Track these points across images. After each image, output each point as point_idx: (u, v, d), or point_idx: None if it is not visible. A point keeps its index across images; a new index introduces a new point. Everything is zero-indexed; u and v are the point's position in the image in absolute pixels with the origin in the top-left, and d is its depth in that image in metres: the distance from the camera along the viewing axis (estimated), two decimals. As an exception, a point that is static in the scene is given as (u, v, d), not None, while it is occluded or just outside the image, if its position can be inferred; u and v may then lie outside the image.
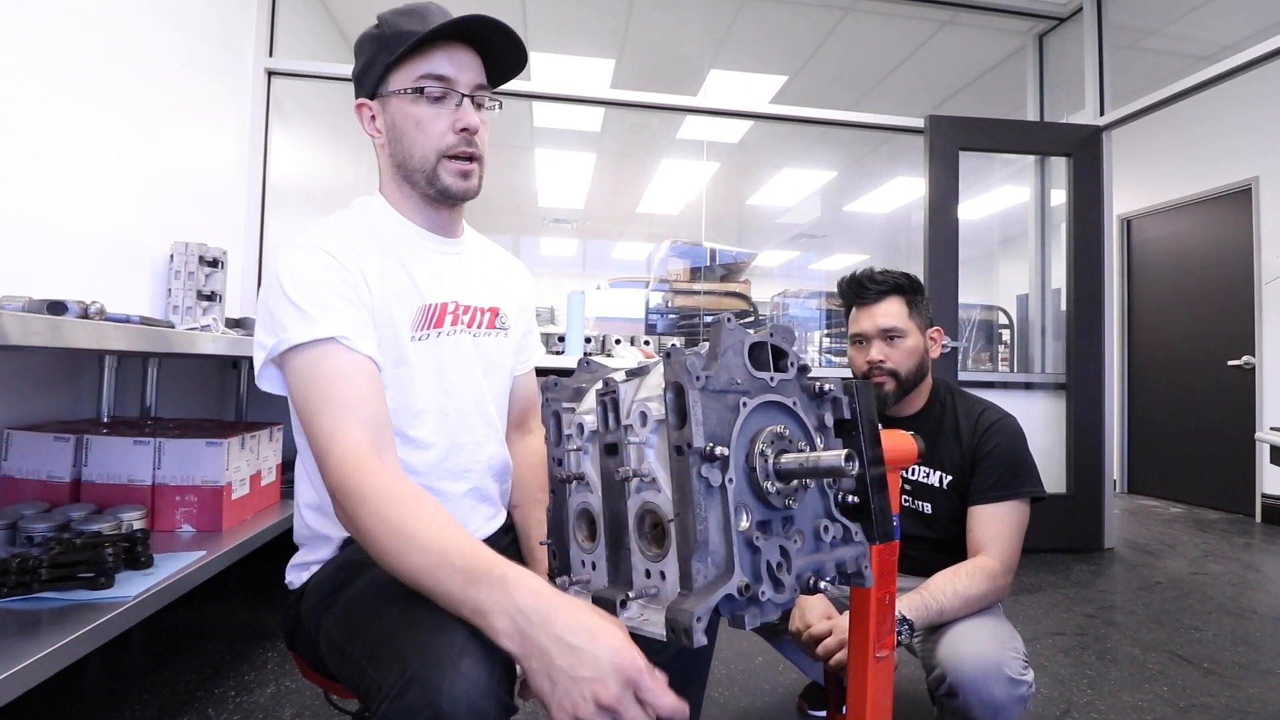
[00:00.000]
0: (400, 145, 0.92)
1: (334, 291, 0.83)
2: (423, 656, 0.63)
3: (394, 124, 0.91)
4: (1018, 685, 1.09)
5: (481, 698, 0.61)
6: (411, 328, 0.91)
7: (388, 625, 0.70)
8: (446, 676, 0.61)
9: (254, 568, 1.86)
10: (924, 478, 1.38)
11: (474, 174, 0.93)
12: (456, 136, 0.90)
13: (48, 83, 1.74)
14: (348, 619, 0.78)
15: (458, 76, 0.89)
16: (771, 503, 0.64)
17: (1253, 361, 4.14)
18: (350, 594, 0.81)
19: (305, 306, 0.80)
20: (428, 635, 0.65)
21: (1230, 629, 2.29)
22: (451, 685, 0.61)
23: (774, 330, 0.72)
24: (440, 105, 0.89)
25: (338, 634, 0.78)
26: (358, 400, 0.78)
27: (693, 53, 4.24)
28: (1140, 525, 3.93)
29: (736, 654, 1.97)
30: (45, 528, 1.33)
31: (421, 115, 0.89)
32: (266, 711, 1.58)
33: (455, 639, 0.64)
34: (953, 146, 3.28)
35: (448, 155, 0.90)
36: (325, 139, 3.65)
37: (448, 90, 0.89)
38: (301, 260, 0.84)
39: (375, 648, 0.70)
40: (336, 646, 0.78)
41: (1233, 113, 4.25)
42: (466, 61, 0.90)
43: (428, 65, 0.88)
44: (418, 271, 0.94)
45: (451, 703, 0.60)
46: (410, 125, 0.90)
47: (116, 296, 1.98)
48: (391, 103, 0.90)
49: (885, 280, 1.39)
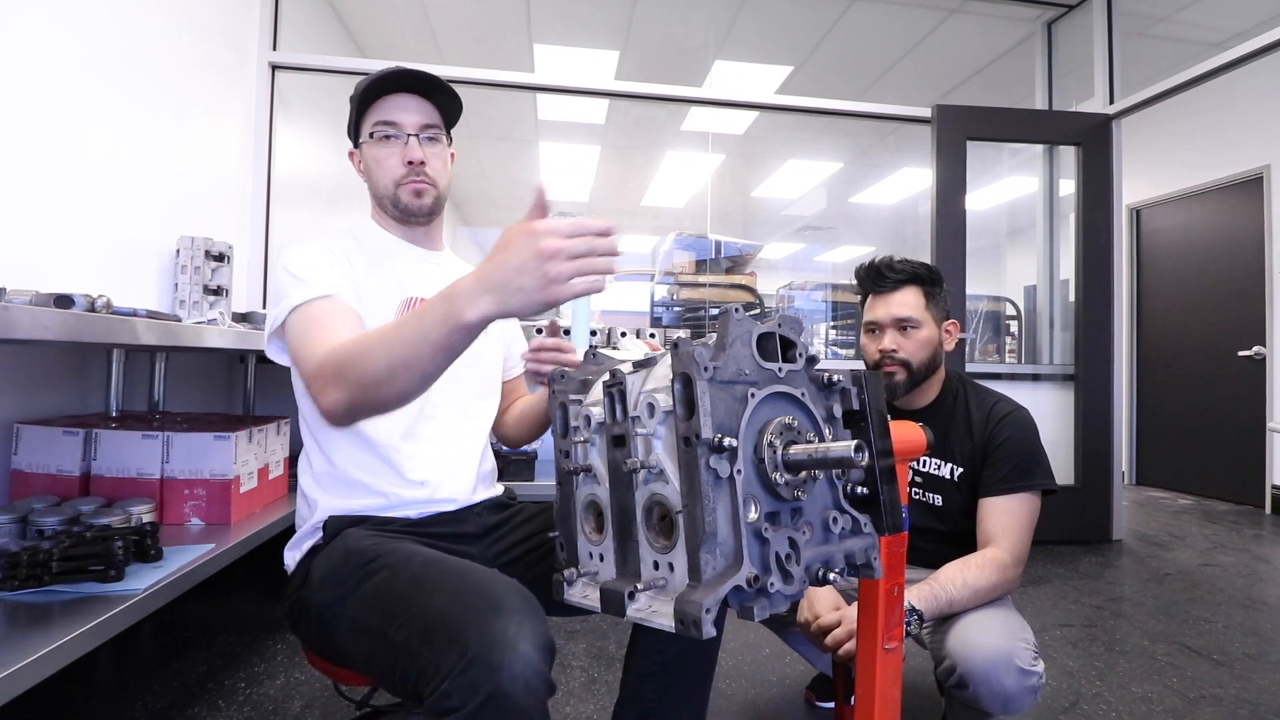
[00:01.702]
0: (372, 179, 1.12)
1: (330, 267, 0.99)
2: (482, 637, 0.70)
3: (366, 164, 1.12)
4: (1028, 676, 1.08)
5: (535, 677, 0.69)
6: (395, 315, 1.04)
7: (438, 608, 0.76)
8: (506, 655, 0.68)
9: (263, 560, 1.87)
10: (935, 470, 1.37)
11: (427, 193, 1.11)
12: (405, 168, 1.08)
13: (52, 80, 1.74)
14: (384, 605, 0.82)
15: (403, 120, 1.08)
16: (780, 494, 0.64)
17: (1263, 352, 4.10)
18: (377, 582, 0.85)
19: (304, 276, 0.95)
20: (484, 617, 0.72)
21: (1240, 620, 2.27)
22: (511, 664, 0.68)
23: (782, 321, 0.71)
24: (391, 144, 1.09)
25: (372, 619, 0.82)
26: (345, 328, 0.90)
27: (697, 44, 4.21)
28: (1149, 517, 3.91)
29: (744, 646, 1.98)
30: (55, 521, 1.34)
31: (379, 155, 1.09)
32: (276, 703, 1.59)
33: (511, 622, 0.71)
34: (960, 136, 3.25)
35: (401, 183, 1.09)
36: (330, 132, 3.65)
37: (394, 132, 1.08)
38: (304, 250, 1.01)
39: (428, 629, 0.75)
40: (371, 631, 0.82)
41: (1244, 101, 4.20)
42: (411, 106, 1.09)
43: (379, 114, 1.09)
44: (402, 270, 1.10)
45: (511, 681, 0.67)
46: (374, 164, 1.10)
47: (123, 291, 1.99)
48: (365, 148, 1.11)
49: (904, 270, 1.37)
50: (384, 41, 4.22)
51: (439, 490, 1.05)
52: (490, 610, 0.73)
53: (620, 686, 1.06)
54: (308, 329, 0.90)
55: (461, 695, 0.68)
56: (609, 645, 1.97)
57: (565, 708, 1.61)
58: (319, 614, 0.91)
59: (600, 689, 1.70)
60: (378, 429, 1.02)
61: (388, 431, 1.03)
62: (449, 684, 0.68)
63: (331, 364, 0.80)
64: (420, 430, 1.06)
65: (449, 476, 1.07)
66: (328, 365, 0.81)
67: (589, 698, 1.65)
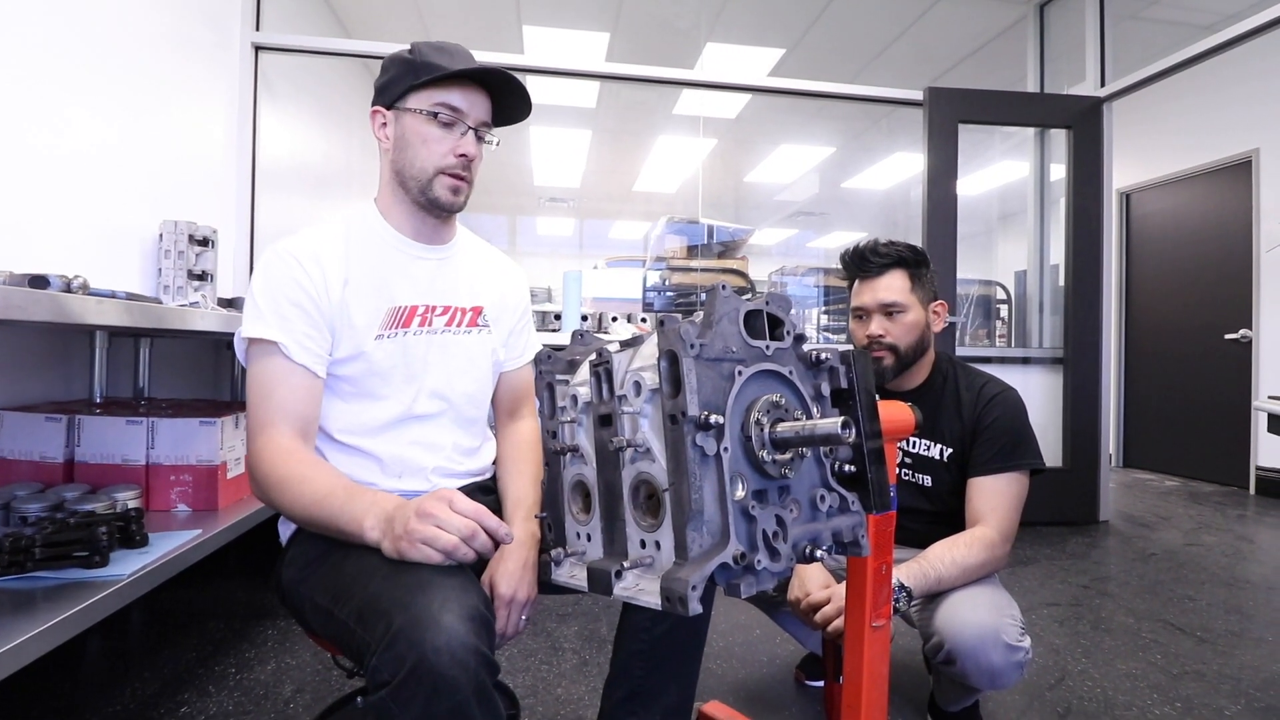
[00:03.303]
0: (404, 155, 1.03)
1: (289, 299, 0.96)
2: (405, 612, 0.72)
3: (403, 135, 1.03)
4: (1015, 651, 1.10)
5: (460, 648, 0.69)
6: (380, 326, 1.02)
7: (374, 589, 0.78)
8: (429, 630, 0.69)
9: (252, 546, 1.86)
10: (924, 450, 1.38)
11: (463, 192, 1.06)
12: (455, 159, 1.02)
13: (29, 60, 1.70)
14: (334, 585, 0.86)
15: (468, 111, 1.02)
16: (768, 472, 0.63)
17: (1250, 335, 4.13)
18: (332, 562, 0.89)
19: (262, 306, 0.96)
20: (410, 594, 0.74)
21: (1223, 598, 2.31)
22: (434, 637, 0.69)
23: (770, 298, 0.71)
24: (448, 130, 1.02)
25: (324, 599, 0.87)
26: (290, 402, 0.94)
27: (689, 25, 4.17)
28: (1135, 498, 3.96)
29: (734, 626, 1.99)
30: (39, 508, 1.32)
31: (430, 134, 1.01)
32: (267, 688, 1.59)
33: (435, 597, 0.73)
34: (952, 119, 3.24)
35: (444, 172, 1.02)
36: (315, 114, 3.60)
37: (457, 119, 1.02)
38: (273, 264, 0.98)
39: (362, 609, 0.78)
40: (323, 610, 0.87)
41: (1234, 84, 4.20)
42: (478, 100, 1.04)
43: (445, 96, 1.01)
44: (391, 278, 1.06)
45: (435, 653, 0.68)
46: (417, 140, 1.02)
47: (106, 276, 1.95)
48: (405, 117, 1.02)
49: (888, 254, 1.36)
50: (369, 22, 4.15)
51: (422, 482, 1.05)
52: (417, 587, 0.75)
53: (610, 665, 1.07)
54: (254, 393, 0.95)
55: (389, 669, 0.69)
56: (601, 627, 1.98)
57: (557, 689, 1.61)
58: (289, 589, 0.97)
59: (592, 670, 1.70)
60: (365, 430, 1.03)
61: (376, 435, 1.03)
62: (377, 659, 0.71)
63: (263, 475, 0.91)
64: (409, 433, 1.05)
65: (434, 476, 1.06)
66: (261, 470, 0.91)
67: (581, 679, 1.66)
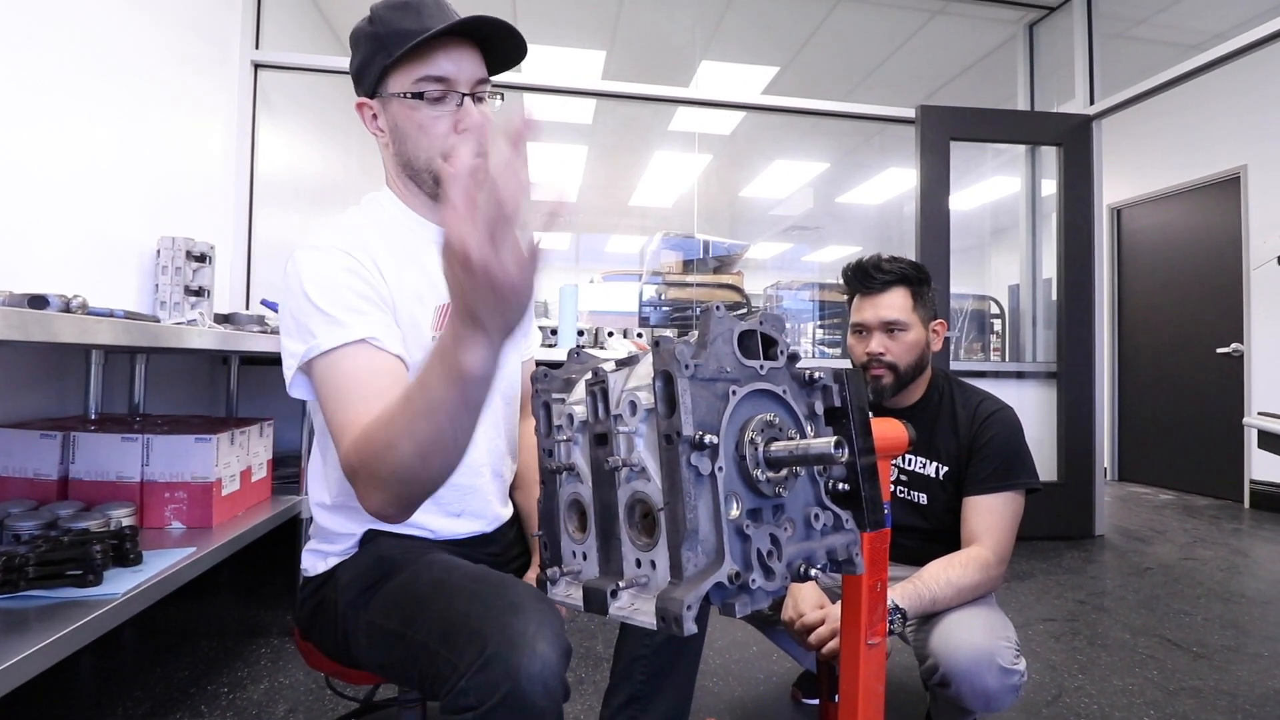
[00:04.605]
0: (404, 147, 0.91)
1: (356, 293, 0.82)
2: (502, 636, 0.68)
3: (396, 125, 0.90)
4: (1010, 675, 1.09)
5: (553, 678, 0.68)
6: (431, 326, 0.91)
7: (459, 609, 0.74)
8: (524, 655, 0.67)
9: (246, 564, 1.85)
10: (920, 468, 1.38)
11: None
12: (459, 137, 0.88)
13: (29, 76, 1.71)
14: (404, 607, 0.81)
15: (457, 75, 0.87)
16: (762, 491, 0.64)
17: (1241, 349, 4.17)
18: (398, 584, 0.84)
19: (331, 311, 0.80)
20: (504, 617, 0.71)
21: (1219, 613, 2.31)
22: (529, 663, 0.66)
23: (764, 318, 0.71)
24: (440, 106, 0.88)
25: (392, 622, 0.81)
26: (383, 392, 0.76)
27: (684, 44, 4.22)
28: (1130, 512, 3.96)
29: (730, 644, 1.98)
30: (32, 525, 1.32)
31: (423, 119, 0.88)
32: (260, 707, 1.58)
33: (530, 622, 0.70)
34: (944, 137, 3.28)
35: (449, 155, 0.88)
36: (314, 132, 3.62)
37: (447, 91, 0.87)
38: (321, 263, 0.83)
39: (447, 629, 0.73)
40: (390, 633, 0.81)
41: (1222, 101, 4.26)
42: (464, 58, 0.88)
43: (426, 67, 0.86)
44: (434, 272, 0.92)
45: (529, 680, 0.66)
46: (412, 128, 0.89)
47: (103, 292, 1.96)
48: (392, 104, 0.89)
49: (892, 270, 1.35)
50: (368, 40, 4.18)
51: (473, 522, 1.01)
52: (510, 610, 0.72)
53: (610, 673, 1.07)
54: (342, 394, 0.77)
55: (479, 693, 0.67)
56: (596, 645, 1.97)
57: (552, 708, 1.61)
58: (341, 615, 0.89)
59: (588, 689, 1.69)
60: None
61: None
62: (466, 681, 0.67)
63: (361, 464, 0.71)
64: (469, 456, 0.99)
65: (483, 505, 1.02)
66: (359, 465, 0.71)
67: (577, 697, 1.65)
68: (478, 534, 1.02)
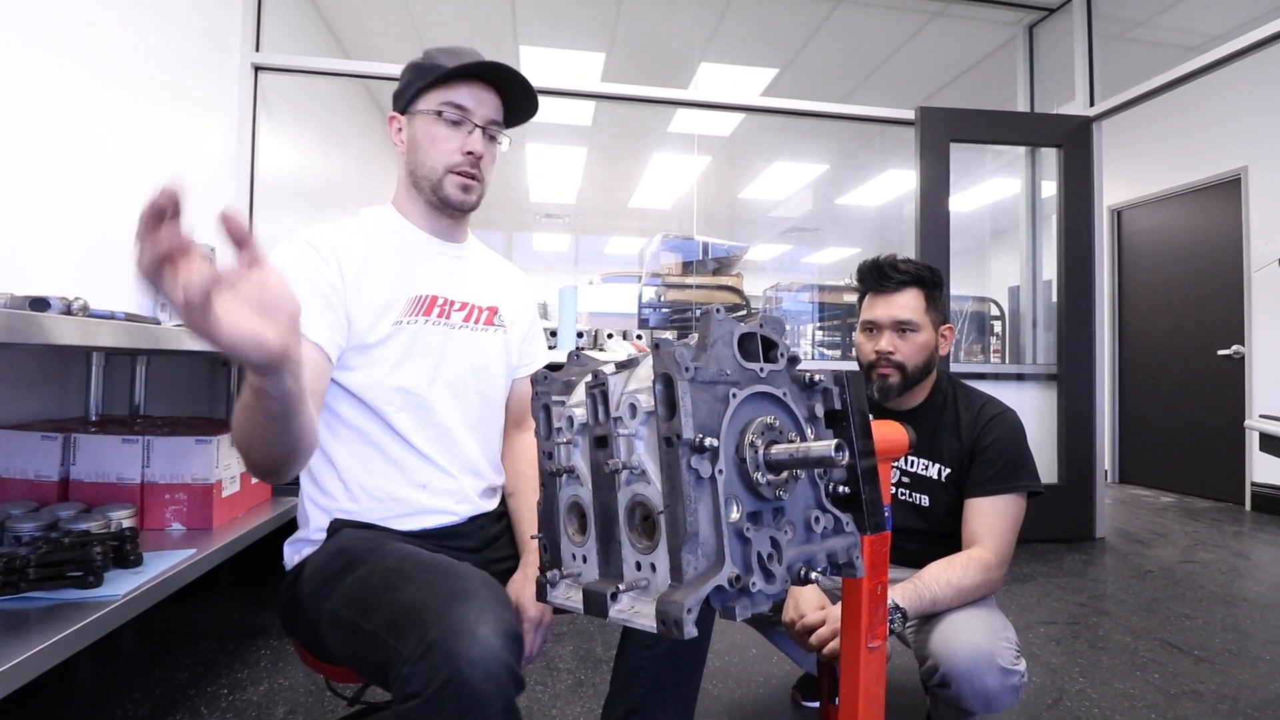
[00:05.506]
0: (416, 155, 1.06)
1: (304, 279, 0.95)
2: (442, 622, 0.70)
3: (414, 137, 1.06)
4: (1010, 675, 1.09)
5: (495, 663, 0.68)
6: (400, 314, 1.03)
7: (407, 598, 0.76)
8: (465, 641, 0.68)
9: (245, 565, 1.85)
10: (923, 470, 1.38)
11: (474, 190, 1.07)
12: (463, 157, 1.04)
13: (30, 80, 1.72)
14: (360, 597, 0.84)
15: (474, 109, 1.04)
16: (762, 494, 0.64)
17: (1242, 351, 4.16)
18: (357, 576, 0.87)
19: None
20: (447, 604, 0.72)
21: (1220, 616, 2.31)
22: (470, 649, 0.68)
23: (764, 321, 0.71)
24: (455, 129, 1.04)
25: (349, 612, 0.84)
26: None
27: (683, 45, 4.22)
28: (1131, 514, 3.96)
29: (730, 646, 1.98)
30: (33, 527, 1.32)
31: (437, 134, 1.04)
32: (260, 709, 1.57)
33: (472, 609, 0.71)
34: (943, 138, 3.28)
35: (454, 170, 1.04)
36: (314, 134, 3.63)
37: (463, 118, 1.04)
38: (287, 253, 0.98)
39: (395, 618, 0.75)
40: (347, 623, 0.84)
41: (1222, 102, 4.26)
42: (485, 98, 1.05)
43: (451, 95, 1.03)
44: (412, 268, 1.06)
45: (470, 666, 0.67)
46: (426, 140, 1.04)
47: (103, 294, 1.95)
48: (416, 120, 1.05)
49: (907, 271, 1.35)
50: (368, 43, 4.19)
51: (440, 498, 1.04)
52: (455, 597, 0.73)
53: (610, 683, 1.07)
54: None
55: (421, 680, 0.68)
56: (596, 647, 1.96)
57: (552, 710, 1.60)
58: (305, 608, 0.93)
59: (588, 691, 1.69)
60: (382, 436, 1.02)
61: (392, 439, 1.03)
62: (409, 669, 0.69)
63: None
64: (424, 441, 1.05)
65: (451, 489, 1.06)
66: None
67: (576, 700, 1.65)
68: (446, 526, 1.05)
